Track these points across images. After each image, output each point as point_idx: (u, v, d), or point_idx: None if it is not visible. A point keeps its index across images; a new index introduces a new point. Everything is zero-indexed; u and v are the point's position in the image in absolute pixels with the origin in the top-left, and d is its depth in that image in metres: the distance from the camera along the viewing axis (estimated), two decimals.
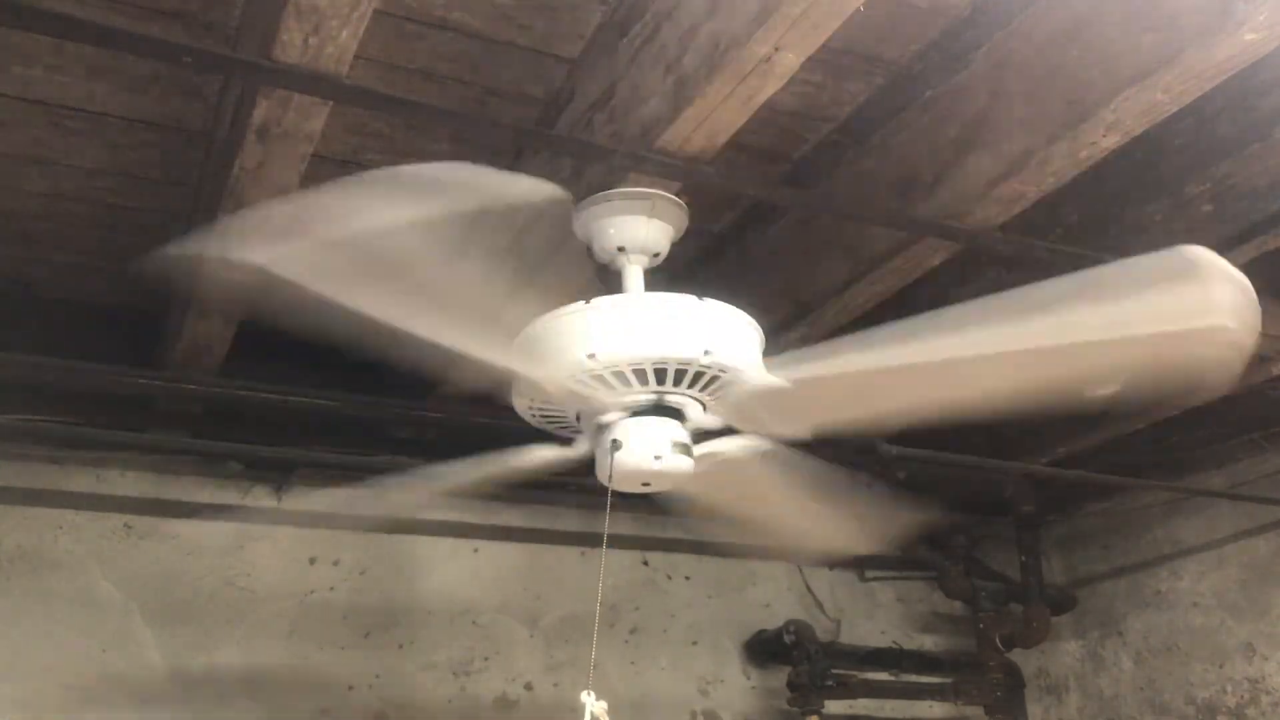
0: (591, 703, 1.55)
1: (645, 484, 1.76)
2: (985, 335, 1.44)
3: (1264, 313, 2.48)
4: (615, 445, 1.70)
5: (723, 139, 1.78)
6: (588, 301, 1.69)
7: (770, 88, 1.65)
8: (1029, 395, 1.60)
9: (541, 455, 1.85)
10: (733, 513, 2.07)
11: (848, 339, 1.57)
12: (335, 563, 3.15)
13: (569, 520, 3.41)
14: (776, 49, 1.56)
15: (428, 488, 2.05)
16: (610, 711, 1.56)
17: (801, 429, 1.76)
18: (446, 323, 1.46)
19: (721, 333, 1.67)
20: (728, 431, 1.81)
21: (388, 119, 2.04)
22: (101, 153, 2.10)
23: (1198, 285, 1.35)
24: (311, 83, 1.63)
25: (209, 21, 1.76)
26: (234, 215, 1.91)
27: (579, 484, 2.20)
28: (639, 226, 1.91)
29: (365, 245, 1.30)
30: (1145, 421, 2.95)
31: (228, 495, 3.08)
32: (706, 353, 1.64)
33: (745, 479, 1.88)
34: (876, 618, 3.88)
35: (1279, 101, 1.88)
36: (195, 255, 1.60)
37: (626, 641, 3.44)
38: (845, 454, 2.34)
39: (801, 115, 2.05)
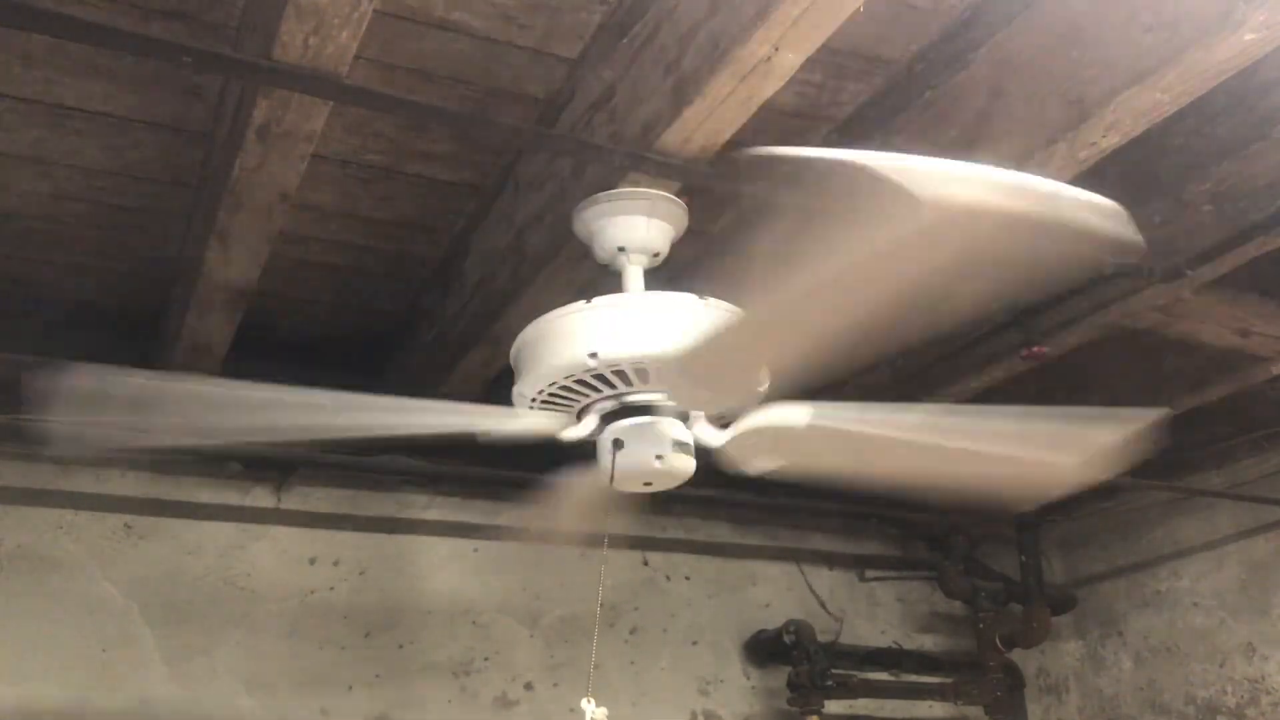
0: (592, 709, 1.53)
1: (647, 483, 1.76)
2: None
3: (1264, 313, 2.50)
4: (617, 445, 1.70)
5: (723, 139, 1.78)
6: (589, 301, 1.69)
7: (770, 88, 1.65)
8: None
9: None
10: (868, 478, 2.00)
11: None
12: (335, 563, 3.14)
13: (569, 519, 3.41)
14: (776, 49, 1.56)
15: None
16: (609, 712, 1.55)
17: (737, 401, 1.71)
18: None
19: None
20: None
21: (388, 119, 2.03)
22: (101, 153, 2.10)
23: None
24: (311, 83, 1.63)
25: (209, 21, 1.76)
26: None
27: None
28: (639, 226, 1.91)
29: None
30: None
31: (228, 495, 3.08)
32: None
33: (853, 444, 1.75)
34: (876, 618, 3.88)
35: (1279, 101, 1.88)
36: None
37: (626, 641, 3.44)
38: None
39: (801, 115, 2.05)
